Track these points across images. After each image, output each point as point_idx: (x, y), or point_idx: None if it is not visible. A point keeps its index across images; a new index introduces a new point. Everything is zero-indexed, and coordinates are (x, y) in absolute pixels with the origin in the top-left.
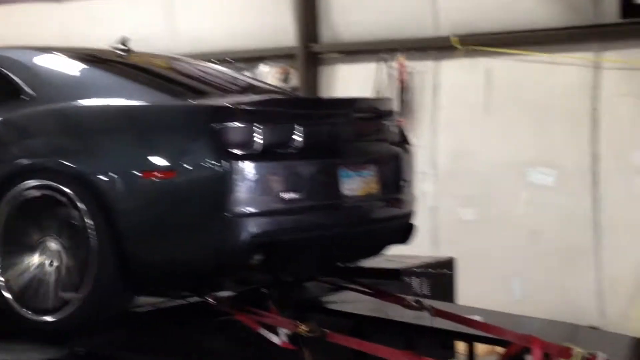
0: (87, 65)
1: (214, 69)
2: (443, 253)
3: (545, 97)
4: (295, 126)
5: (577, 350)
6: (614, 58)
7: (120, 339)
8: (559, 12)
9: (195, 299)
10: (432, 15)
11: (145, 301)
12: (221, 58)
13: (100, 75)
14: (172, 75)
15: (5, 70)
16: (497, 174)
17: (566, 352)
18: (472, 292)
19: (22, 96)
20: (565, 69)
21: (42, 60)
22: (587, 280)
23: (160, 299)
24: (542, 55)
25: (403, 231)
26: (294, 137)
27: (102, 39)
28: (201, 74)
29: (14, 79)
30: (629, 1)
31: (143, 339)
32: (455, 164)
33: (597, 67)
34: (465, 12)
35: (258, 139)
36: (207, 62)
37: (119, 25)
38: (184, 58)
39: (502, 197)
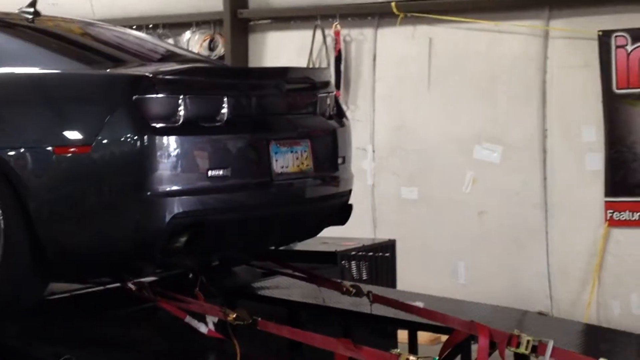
0: None
1: (133, 36)
2: (383, 235)
3: (491, 69)
4: (221, 98)
5: (525, 338)
6: (563, 27)
7: (32, 329)
8: None
9: (114, 285)
10: None
11: (60, 288)
12: (141, 24)
13: (5, 41)
14: (87, 41)
15: None
16: (440, 150)
17: (514, 339)
18: (413, 277)
19: None
20: (512, 38)
21: None
22: (536, 264)
23: (77, 286)
24: (488, 23)
25: (340, 211)
26: (221, 109)
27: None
28: (119, 40)
29: None
30: None
31: (57, 330)
32: (395, 139)
33: (546, 37)
34: None
35: (181, 111)
36: (125, 29)
37: None
38: (99, 23)
39: (445, 175)
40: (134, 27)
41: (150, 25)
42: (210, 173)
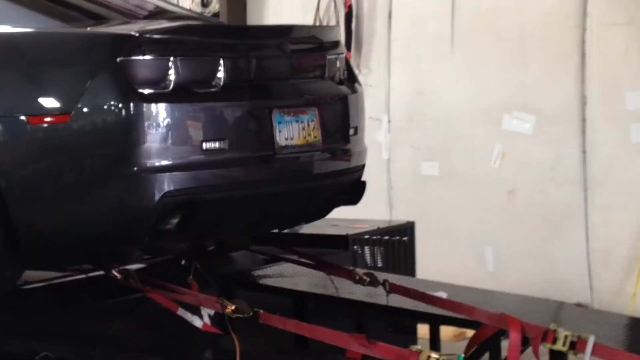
0: None
1: None
2: (400, 216)
3: (522, 27)
4: (217, 60)
5: (563, 333)
6: None
7: (4, 322)
8: None
9: (96, 273)
10: None
11: (35, 276)
12: None
13: None
14: None
15: None
16: (464, 120)
17: (549, 334)
18: (435, 264)
19: None
20: None
21: None
22: (574, 249)
23: (54, 274)
24: None
25: (352, 189)
26: (216, 73)
27: None
28: None
29: None
30: None
31: (32, 323)
32: (413, 108)
33: None
34: None
35: (171, 75)
36: None
37: None
38: None
39: (470, 149)
40: None
41: None
42: (205, 146)
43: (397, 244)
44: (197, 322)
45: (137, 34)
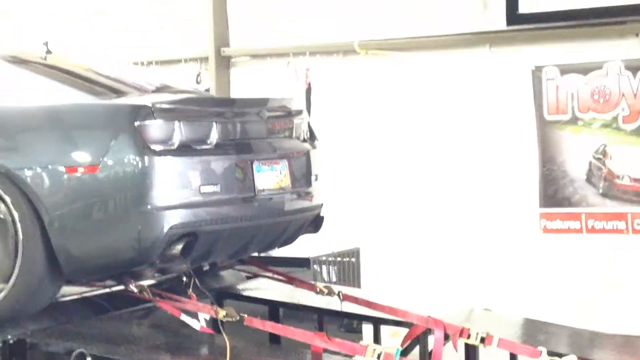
0: (10, 66)
1: (131, 70)
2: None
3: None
4: (211, 124)
5: (475, 330)
6: (502, 62)
7: (48, 327)
8: (453, 19)
9: (118, 287)
10: (337, 23)
11: (72, 291)
12: (138, 61)
13: (23, 75)
14: (92, 75)
15: None
16: None
17: (465, 332)
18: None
19: None
20: (459, 70)
21: None
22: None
23: (86, 289)
24: (439, 56)
25: (313, 222)
26: (210, 134)
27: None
28: (119, 74)
29: None
30: (514, 11)
31: (70, 327)
32: None
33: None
34: (368, 19)
35: (176, 135)
36: (124, 64)
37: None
38: (102, 60)
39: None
40: (134, 63)
41: (146, 62)
42: (202, 189)
43: (347, 264)
44: (196, 325)
45: (150, 104)
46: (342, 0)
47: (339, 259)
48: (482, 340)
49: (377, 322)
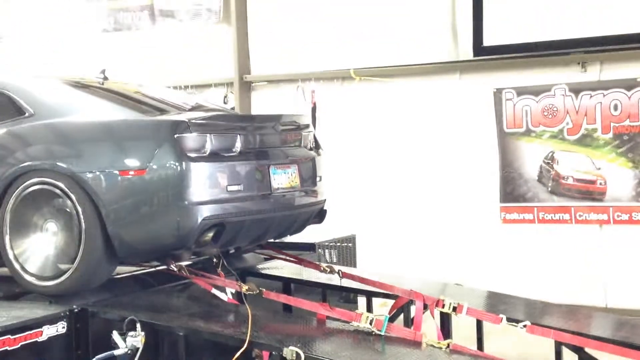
0: (75, 89)
1: (171, 93)
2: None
3: (424, 113)
4: (236, 136)
5: (448, 301)
6: (470, 85)
7: (105, 299)
8: (429, 51)
9: (161, 267)
10: (336, 54)
11: (124, 270)
12: (177, 85)
13: (85, 97)
14: (140, 97)
15: (10, 93)
16: None
17: (440, 302)
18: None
19: (24, 113)
20: (435, 92)
21: (39, 85)
22: None
23: (136, 268)
24: (418, 81)
25: (318, 214)
26: (235, 143)
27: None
28: (162, 96)
29: (17, 100)
30: (479, 44)
31: (123, 299)
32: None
33: (457, 93)
34: (361, 52)
35: (208, 145)
36: (166, 88)
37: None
38: (148, 84)
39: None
40: (173, 87)
41: (183, 86)
42: (228, 188)
43: (345, 248)
44: (224, 297)
45: (187, 120)
46: (341, 36)
47: (338, 244)
48: (454, 309)
49: (369, 295)
